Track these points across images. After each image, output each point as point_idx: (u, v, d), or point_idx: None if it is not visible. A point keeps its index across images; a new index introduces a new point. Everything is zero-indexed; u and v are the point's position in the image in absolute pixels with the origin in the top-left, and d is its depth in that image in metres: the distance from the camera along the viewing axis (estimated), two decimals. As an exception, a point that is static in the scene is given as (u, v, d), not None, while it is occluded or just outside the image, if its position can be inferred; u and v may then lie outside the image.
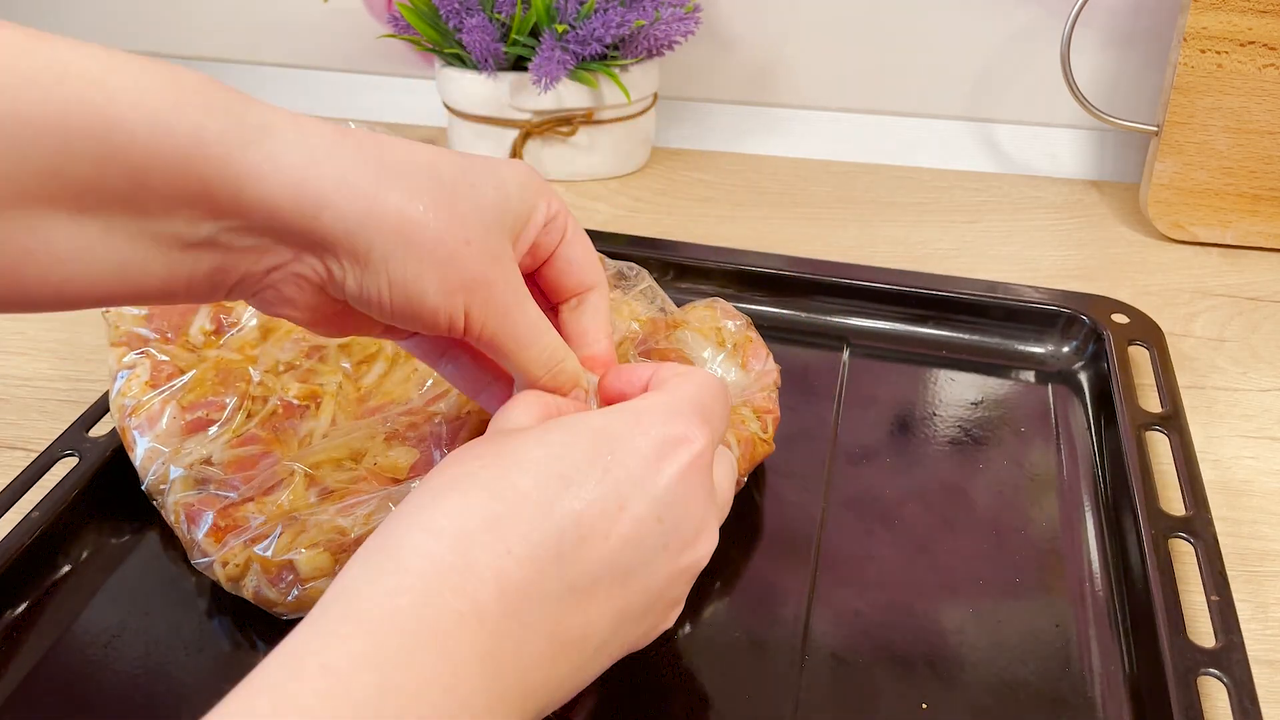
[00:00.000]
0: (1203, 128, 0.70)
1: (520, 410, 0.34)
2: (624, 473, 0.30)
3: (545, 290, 0.38)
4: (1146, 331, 0.58)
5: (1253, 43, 0.68)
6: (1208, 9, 0.67)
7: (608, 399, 0.37)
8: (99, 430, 0.49)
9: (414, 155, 0.32)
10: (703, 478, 0.32)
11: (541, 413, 0.34)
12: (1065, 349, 0.60)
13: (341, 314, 0.34)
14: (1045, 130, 0.84)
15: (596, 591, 0.29)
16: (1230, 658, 0.38)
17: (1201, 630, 0.40)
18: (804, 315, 0.62)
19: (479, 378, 0.40)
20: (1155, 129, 0.72)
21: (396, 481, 0.42)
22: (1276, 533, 0.49)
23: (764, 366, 0.48)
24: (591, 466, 0.30)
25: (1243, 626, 0.40)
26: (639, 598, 0.30)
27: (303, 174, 0.29)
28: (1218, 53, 0.68)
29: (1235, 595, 0.41)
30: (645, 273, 0.52)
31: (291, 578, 0.40)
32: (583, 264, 0.38)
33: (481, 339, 0.33)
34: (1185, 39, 0.68)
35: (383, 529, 0.29)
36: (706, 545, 0.32)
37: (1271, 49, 0.68)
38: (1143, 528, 0.44)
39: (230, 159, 0.28)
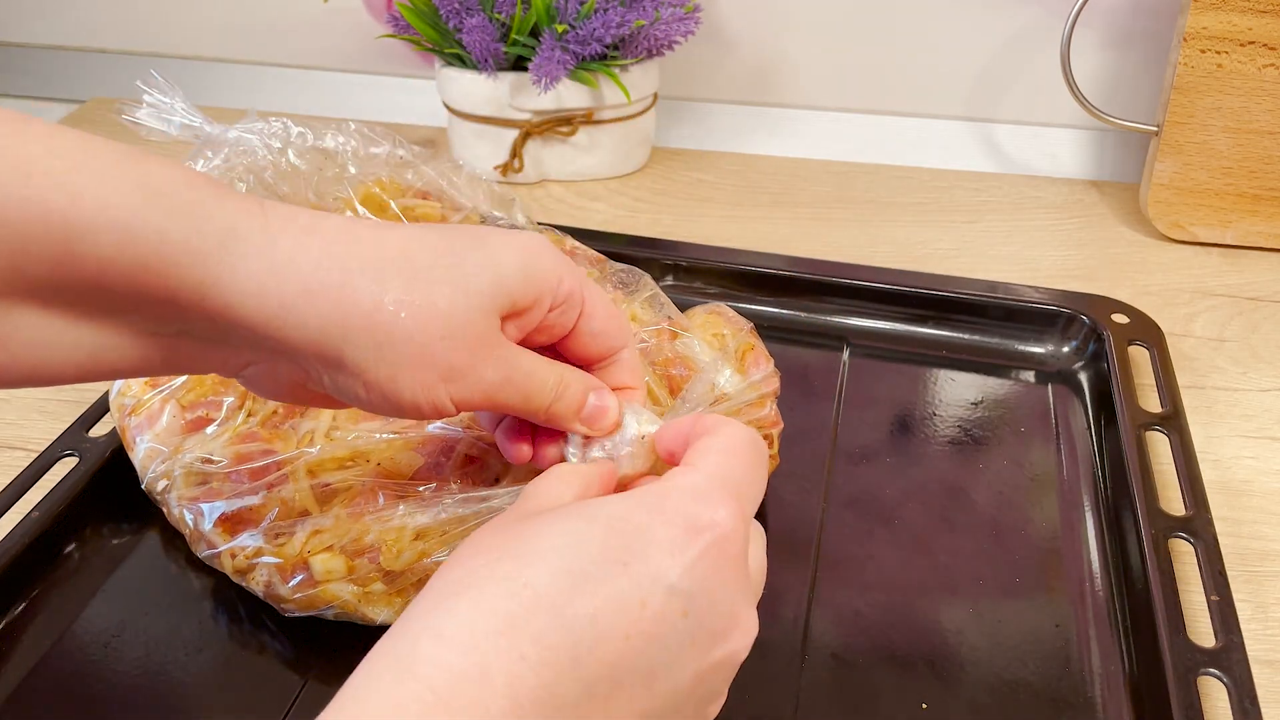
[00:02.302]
0: (1203, 128, 0.70)
1: (553, 484, 0.32)
2: (643, 566, 0.28)
3: (569, 359, 0.36)
4: (1146, 331, 0.58)
5: (1253, 43, 0.68)
6: (1208, 9, 0.67)
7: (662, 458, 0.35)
8: (99, 430, 0.49)
9: (385, 245, 0.31)
10: (732, 562, 0.29)
11: (580, 490, 0.32)
12: (1065, 349, 0.60)
13: (328, 397, 0.34)
14: (1045, 130, 0.84)
15: (618, 695, 0.27)
16: (1230, 658, 0.38)
17: (1201, 630, 0.40)
18: (804, 315, 0.62)
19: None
20: (1155, 129, 0.72)
21: (400, 482, 0.42)
22: (1276, 533, 0.49)
23: (765, 375, 0.48)
24: (608, 560, 0.28)
25: (1243, 626, 0.40)
26: (666, 698, 0.28)
27: (264, 283, 0.29)
28: (1218, 53, 0.68)
29: (1235, 595, 0.41)
30: (647, 277, 0.52)
31: (304, 577, 0.40)
32: (607, 334, 0.36)
33: (477, 410, 0.33)
34: (1185, 39, 0.68)
35: (393, 631, 0.27)
36: (741, 636, 0.30)
37: (1271, 49, 0.68)
38: (1143, 528, 0.44)
39: (194, 267, 0.28)
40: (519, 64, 0.76)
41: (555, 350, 0.36)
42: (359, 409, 0.33)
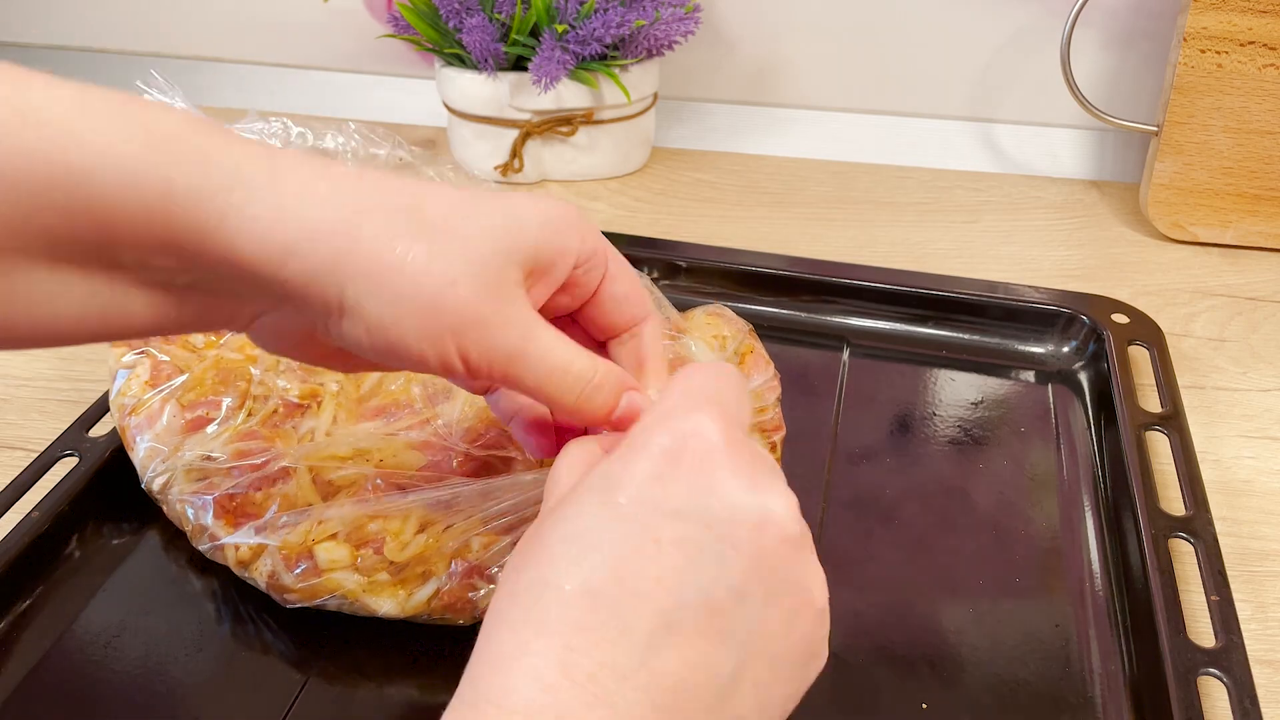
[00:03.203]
0: (1203, 128, 0.70)
1: (564, 470, 0.31)
2: (639, 507, 0.27)
3: (590, 329, 0.36)
4: (1146, 331, 0.58)
5: (1253, 43, 0.68)
6: (1208, 9, 0.67)
7: None
8: (99, 430, 0.49)
9: (395, 195, 0.30)
10: (728, 460, 0.28)
11: (586, 467, 0.30)
12: (1065, 349, 0.60)
13: (340, 350, 0.33)
14: (1045, 130, 0.84)
15: (681, 636, 0.25)
16: (1230, 658, 0.38)
17: (1201, 630, 0.40)
18: (804, 315, 0.62)
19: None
20: (1155, 129, 0.72)
21: (402, 485, 0.42)
22: (1276, 533, 0.49)
23: (766, 380, 0.48)
24: (609, 521, 0.27)
25: (1243, 626, 0.40)
26: (735, 615, 0.26)
27: (268, 225, 0.28)
28: (1218, 53, 0.68)
29: (1235, 595, 0.41)
30: (644, 278, 0.52)
31: (307, 566, 0.40)
32: (630, 300, 0.35)
33: (491, 378, 0.31)
34: (1185, 39, 0.68)
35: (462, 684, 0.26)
36: (781, 515, 0.28)
37: (1271, 49, 0.68)
38: (1143, 528, 0.44)
39: (198, 211, 0.27)
40: (519, 64, 0.76)
41: (576, 322, 0.35)
42: (369, 360, 0.31)
